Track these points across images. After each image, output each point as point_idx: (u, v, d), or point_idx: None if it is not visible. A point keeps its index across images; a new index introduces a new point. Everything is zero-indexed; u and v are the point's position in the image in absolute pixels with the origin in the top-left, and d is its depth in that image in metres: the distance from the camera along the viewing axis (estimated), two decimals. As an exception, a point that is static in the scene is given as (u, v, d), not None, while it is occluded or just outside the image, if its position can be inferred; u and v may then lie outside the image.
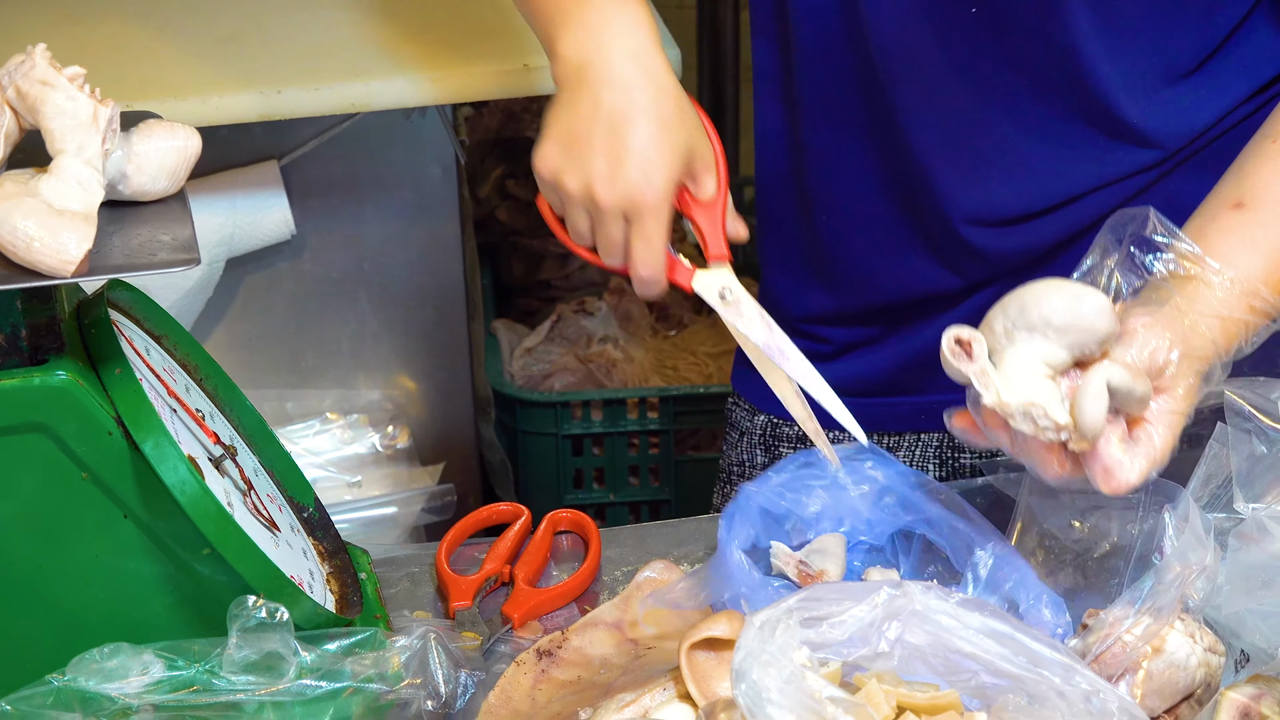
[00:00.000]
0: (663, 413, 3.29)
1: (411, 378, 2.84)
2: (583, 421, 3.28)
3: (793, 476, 1.74)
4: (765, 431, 2.13)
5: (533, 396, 3.25)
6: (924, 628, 1.38)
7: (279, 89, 2.35)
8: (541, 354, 3.45)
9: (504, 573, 1.81)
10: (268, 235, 2.63)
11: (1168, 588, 1.51)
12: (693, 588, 1.63)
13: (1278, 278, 1.62)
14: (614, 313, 3.56)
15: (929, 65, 1.82)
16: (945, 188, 1.88)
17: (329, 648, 1.57)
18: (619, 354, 3.46)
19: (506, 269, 3.78)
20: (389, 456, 2.78)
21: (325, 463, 2.76)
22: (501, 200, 3.75)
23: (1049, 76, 1.80)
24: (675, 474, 3.33)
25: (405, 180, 2.71)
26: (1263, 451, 1.62)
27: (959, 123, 1.84)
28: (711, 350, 3.48)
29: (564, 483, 3.31)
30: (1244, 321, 1.61)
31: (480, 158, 3.76)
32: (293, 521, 1.76)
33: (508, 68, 2.39)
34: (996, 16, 1.77)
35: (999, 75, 1.81)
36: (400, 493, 2.68)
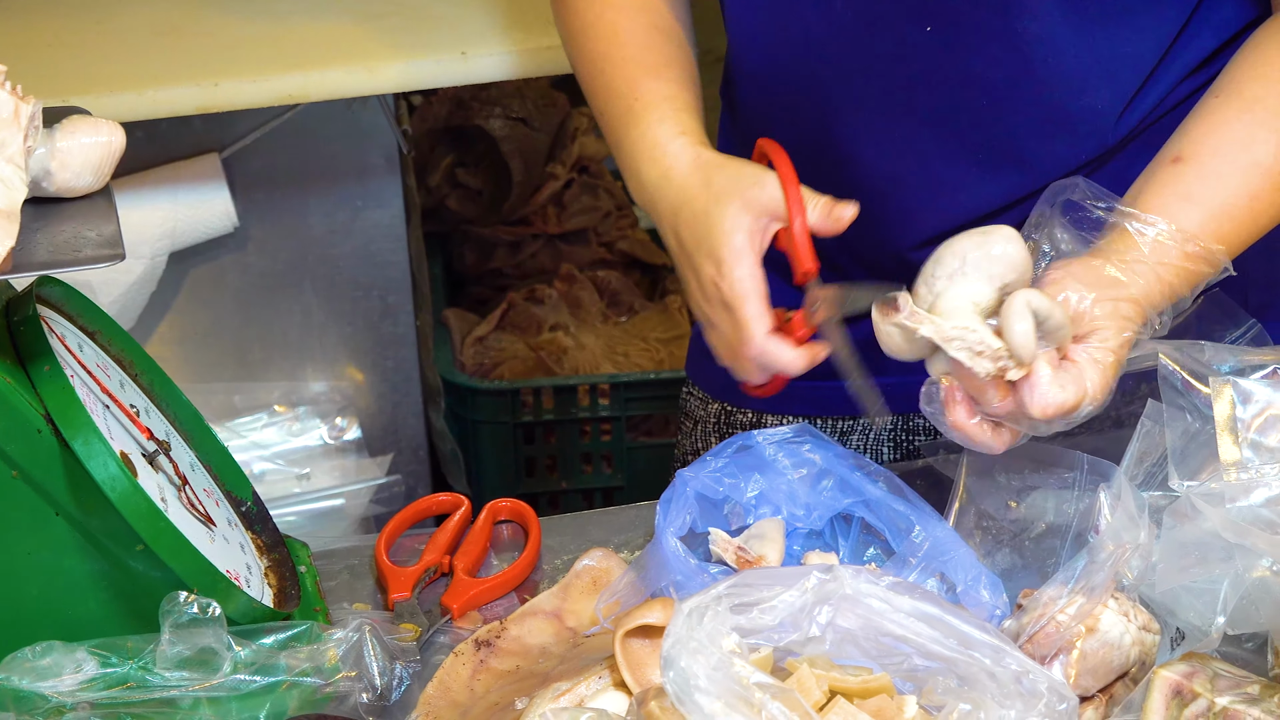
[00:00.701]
0: (614, 399, 3.29)
1: (359, 369, 2.83)
2: (534, 409, 3.28)
3: (730, 461, 1.74)
4: (719, 419, 2.13)
5: (483, 385, 3.24)
6: (855, 611, 1.39)
7: (216, 81, 2.34)
8: (492, 342, 3.45)
9: (443, 563, 1.81)
10: (210, 228, 2.62)
11: (1100, 567, 1.51)
12: (635, 582, 1.63)
13: (1215, 226, 1.63)
14: (564, 300, 3.56)
15: (880, 93, 1.82)
16: (895, 218, 1.88)
17: (264, 642, 1.57)
18: (570, 341, 3.46)
19: (458, 258, 3.78)
20: (337, 448, 2.78)
21: (273, 455, 2.75)
22: (452, 189, 3.74)
23: (1011, 84, 1.80)
24: (628, 460, 3.33)
25: (348, 171, 2.70)
26: (1197, 428, 1.62)
27: (912, 150, 1.85)
28: (662, 336, 3.48)
29: (516, 471, 3.31)
30: (1179, 269, 1.61)
31: (430, 146, 3.75)
32: (230, 516, 1.75)
33: (446, 57, 2.38)
34: (956, 27, 1.77)
35: (956, 94, 1.81)
36: (348, 485, 2.67)
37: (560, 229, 3.75)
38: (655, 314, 3.56)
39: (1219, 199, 1.65)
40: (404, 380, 2.86)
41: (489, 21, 2.46)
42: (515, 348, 3.46)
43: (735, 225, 1.66)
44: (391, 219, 2.74)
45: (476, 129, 3.69)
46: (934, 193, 1.86)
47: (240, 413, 2.79)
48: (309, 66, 2.37)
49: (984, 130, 1.81)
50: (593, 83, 1.87)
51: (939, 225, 1.87)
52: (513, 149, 3.66)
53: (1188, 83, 1.83)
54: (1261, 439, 1.56)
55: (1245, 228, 1.66)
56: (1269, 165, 1.66)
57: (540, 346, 3.45)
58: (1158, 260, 1.61)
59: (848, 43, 1.80)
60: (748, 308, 1.65)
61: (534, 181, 3.70)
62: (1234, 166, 1.66)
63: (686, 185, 1.72)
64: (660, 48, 1.86)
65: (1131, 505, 1.54)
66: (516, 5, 2.49)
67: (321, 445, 2.78)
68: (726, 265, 1.66)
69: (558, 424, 3.30)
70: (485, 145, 3.69)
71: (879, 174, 1.87)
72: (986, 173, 1.84)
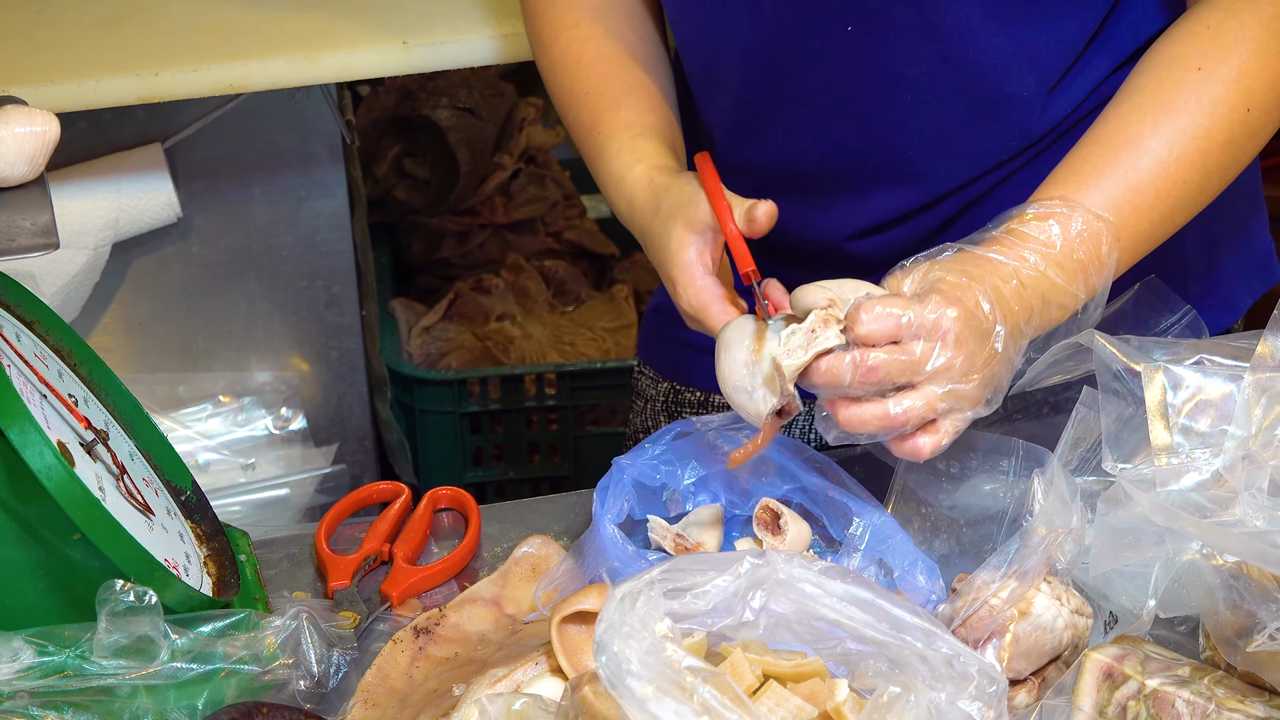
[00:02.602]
0: (560, 389, 3.29)
1: (304, 359, 2.83)
2: (480, 399, 3.28)
3: (668, 448, 1.74)
4: (668, 398, 2.15)
5: (430, 375, 3.25)
6: (789, 596, 1.39)
7: (157, 71, 2.33)
8: (439, 332, 3.45)
9: (383, 551, 1.81)
10: (153, 218, 2.61)
11: (1033, 551, 1.52)
12: (574, 569, 1.64)
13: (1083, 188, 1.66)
14: (511, 289, 3.56)
15: (811, 92, 1.84)
16: (833, 211, 1.91)
17: (203, 630, 1.57)
18: (517, 331, 3.46)
19: (406, 247, 3.78)
20: (282, 438, 2.78)
21: (218, 445, 2.75)
22: (399, 179, 3.74)
23: (934, 77, 1.81)
24: (575, 449, 3.33)
25: (292, 161, 2.70)
26: (1130, 412, 1.63)
27: (845, 146, 1.86)
28: (609, 325, 3.48)
29: (463, 460, 3.31)
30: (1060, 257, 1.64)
31: (377, 136, 3.75)
32: (169, 505, 1.75)
33: (387, 46, 2.38)
34: (875, 25, 1.78)
35: (882, 90, 1.82)
36: (293, 475, 2.67)
37: (508, 219, 3.75)
38: (602, 303, 3.57)
39: (1098, 186, 1.66)
40: (349, 370, 2.86)
41: (431, 11, 2.46)
42: (462, 337, 3.46)
43: (681, 244, 1.72)
44: (335, 209, 2.74)
45: (424, 119, 3.69)
46: (868, 186, 1.88)
47: (185, 403, 2.79)
48: (249, 56, 2.36)
49: (912, 125, 1.83)
50: (565, 118, 1.94)
51: (874, 218, 1.89)
52: (460, 139, 3.67)
53: (1120, 75, 1.84)
54: (1192, 424, 1.57)
55: (1136, 223, 1.68)
56: (1150, 150, 1.67)
57: (487, 336, 3.45)
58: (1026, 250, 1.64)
59: (777, 44, 1.82)
60: (710, 317, 1.70)
61: (481, 171, 3.71)
62: (1124, 164, 1.67)
63: (644, 211, 1.78)
64: (621, 75, 1.90)
65: (1064, 490, 1.55)
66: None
67: (266, 435, 2.78)
68: (680, 283, 1.71)
69: (504, 413, 3.30)
70: (432, 135, 3.69)
71: (816, 170, 1.89)
72: (918, 165, 1.86)
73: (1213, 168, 1.68)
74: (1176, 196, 1.67)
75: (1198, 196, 1.69)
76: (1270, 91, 1.69)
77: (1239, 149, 1.69)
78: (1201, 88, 1.67)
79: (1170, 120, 1.67)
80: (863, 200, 1.89)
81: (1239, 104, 1.67)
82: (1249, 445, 1.53)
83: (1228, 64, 1.67)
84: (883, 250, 1.91)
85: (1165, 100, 1.67)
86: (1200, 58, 1.68)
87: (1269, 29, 1.68)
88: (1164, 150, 1.66)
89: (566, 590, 1.64)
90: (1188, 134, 1.67)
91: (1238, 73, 1.67)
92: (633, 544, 1.66)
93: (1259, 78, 1.68)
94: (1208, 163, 1.67)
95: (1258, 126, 1.70)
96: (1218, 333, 2.00)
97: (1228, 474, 1.51)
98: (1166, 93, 1.67)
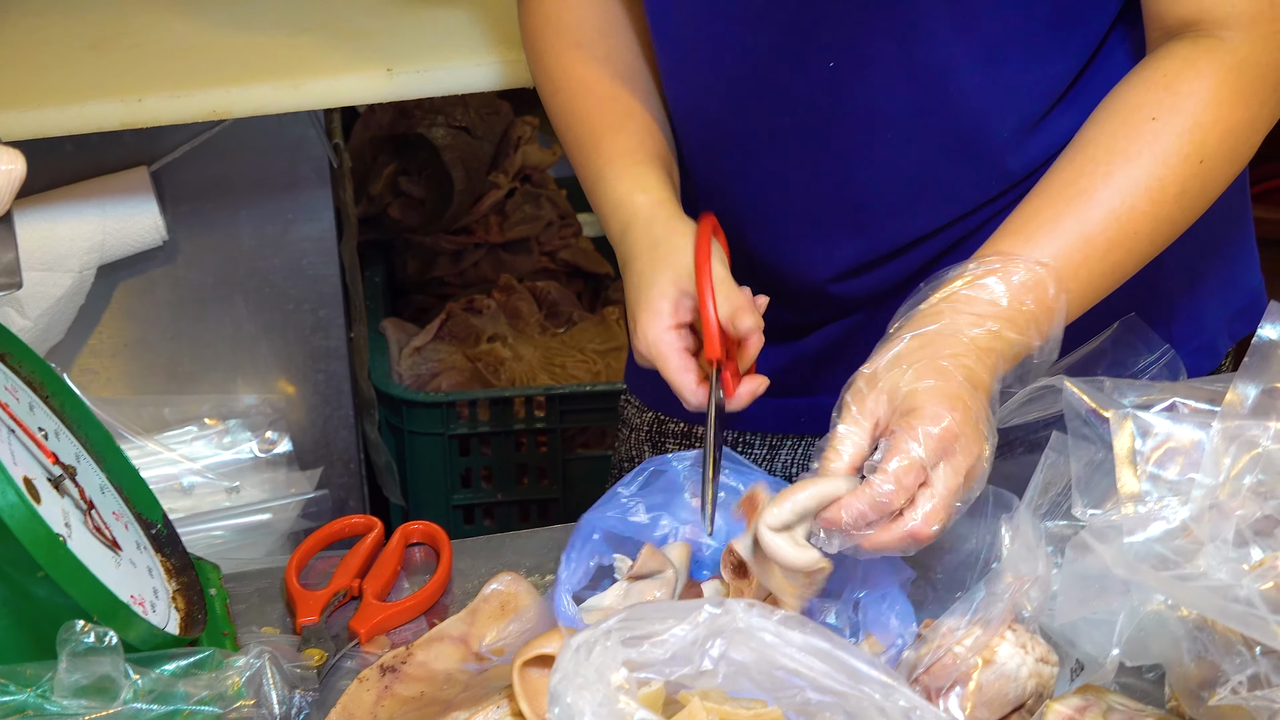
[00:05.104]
0: (550, 411, 3.28)
1: (290, 382, 2.83)
2: (469, 421, 3.27)
3: (639, 493, 1.73)
4: (652, 428, 2.14)
5: (418, 397, 3.24)
6: (748, 645, 1.39)
7: (140, 97, 2.33)
8: (430, 353, 3.45)
9: (353, 586, 1.81)
10: (139, 242, 2.61)
11: (998, 598, 1.52)
12: (525, 636, 1.64)
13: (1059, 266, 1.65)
14: (503, 310, 3.56)
15: (797, 129, 1.83)
16: (817, 250, 1.90)
17: (166, 668, 1.57)
18: (507, 352, 3.46)
19: (400, 266, 3.77)
20: (268, 461, 2.77)
21: (203, 469, 2.75)
22: (394, 197, 3.74)
23: (916, 115, 1.80)
24: (564, 472, 3.32)
25: (278, 184, 2.70)
26: (1101, 457, 1.62)
27: (830, 183, 1.86)
28: (600, 348, 3.48)
29: (452, 482, 3.31)
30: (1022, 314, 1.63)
31: (373, 154, 3.75)
32: (139, 539, 1.75)
33: (371, 73, 2.38)
34: (858, 62, 1.78)
35: (865, 128, 1.81)
36: (276, 500, 2.67)
37: (502, 238, 3.75)
38: (593, 325, 3.56)
39: (1049, 237, 1.65)
40: (335, 393, 2.86)
41: (416, 38, 2.46)
42: (453, 358, 3.45)
43: (662, 292, 1.73)
44: (322, 233, 2.74)
45: (419, 137, 3.68)
46: (848, 225, 1.87)
47: (170, 425, 2.78)
48: (233, 82, 2.36)
49: (895, 163, 1.82)
50: (564, 138, 1.94)
51: (855, 258, 1.88)
52: (455, 158, 3.66)
53: None
54: (1160, 471, 1.56)
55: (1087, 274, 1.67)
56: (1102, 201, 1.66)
57: (478, 357, 3.45)
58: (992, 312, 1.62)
59: (760, 79, 1.82)
60: (669, 367, 1.72)
61: (476, 190, 3.70)
62: (1077, 215, 1.66)
63: (639, 242, 1.78)
64: (622, 99, 1.91)
65: (1030, 537, 1.55)
66: (443, 23, 2.49)
67: (251, 458, 2.78)
68: (644, 324, 1.73)
69: (493, 435, 3.30)
70: (428, 154, 3.69)
71: (795, 206, 1.88)
72: (903, 204, 1.85)
73: (1164, 219, 1.68)
74: (1127, 247, 1.67)
75: (1149, 247, 1.69)
76: (1224, 144, 1.68)
77: (1192, 201, 1.69)
78: (1155, 139, 1.66)
79: (1123, 171, 1.66)
80: (843, 240, 1.88)
81: (1192, 155, 1.66)
82: (1217, 494, 1.53)
83: (1182, 115, 1.67)
84: (865, 292, 1.90)
85: (1119, 151, 1.66)
86: (1155, 107, 1.67)
87: (1225, 80, 1.67)
88: (1116, 201, 1.65)
89: (505, 660, 1.64)
90: (1140, 185, 1.66)
91: (1192, 124, 1.66)
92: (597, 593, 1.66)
93: (1213, 130, 1.67)
94: (1160, 214, 1.67)
95: (1211, 178, 1.69)
96: (1198, 376, 1.99)
97: (1194, 524, 1.50)
98: (1120, 143, 1.67)
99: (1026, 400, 1.71)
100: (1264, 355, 1.58)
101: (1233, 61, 1.68)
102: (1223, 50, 1.68)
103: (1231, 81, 1.68)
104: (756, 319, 1.68)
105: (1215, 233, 1.96)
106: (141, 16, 2.52)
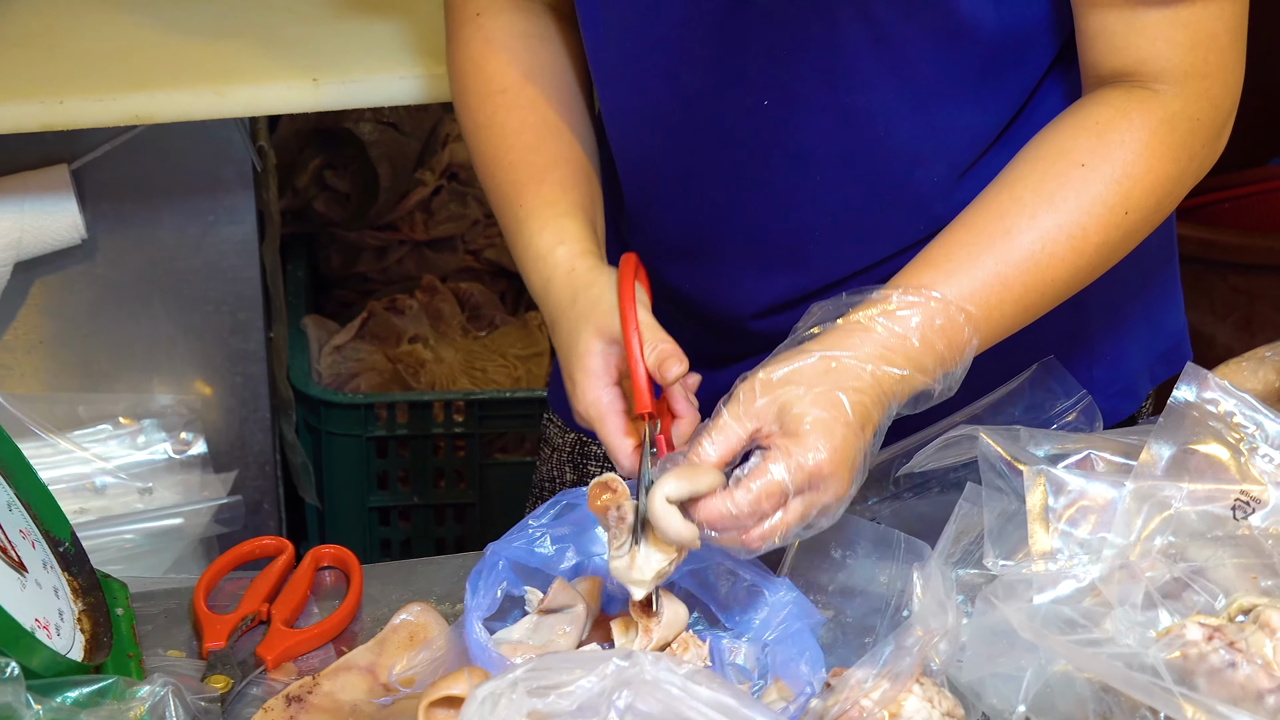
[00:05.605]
0: (469, 417, 3.28)
1: (207, 383, 2.81)
2: (388, 424, 3.26)
3: (548, 527, 1.72)
4: (574, 449, 2.14)
5: (336, 398, 3.23)
6: (655, 696, 1.38)
7: (61, 99, 2.30)
8: (350, 352, 3.43)
9: (261, 611, 1.79)
10: (57, 239, 2.59)
11: (907, 652, 1.51)
12: (445, 652, 1.63)
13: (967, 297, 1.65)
14: (425, 311, 3.54)
15: (728, 166, 1.83)
16: (743, 287, 1.90)
17: (68, 696, 1.55)
18: (428, 354, 3.45)
19: (324, 260, 3.75)
20: (182, 463, 2.75)
21: (116, 468, 2.72)
22: (319, 191, 3.72)
23: (845, 159, 1.80)
24: (481, 477, 3.32)
25: (201, 186, 2.68)
26: (1015, 509, 1.63)
27: (757, 221, 1.86)
28: (521, 353, 3.47)
29: (368, 484, 3.30)
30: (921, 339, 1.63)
31: (299, 147, 3.72)
32: (47, 558, 1.73)
33: (296, 82, 2.36)
34: (789, 102, 1.77)
35: (793, 168, 1.81)
36: (188, 504, 2.65)
37: (428, 236, 3.73)
38: (515, 330, 3.55)
39: (968, 274, 1.65)
40: (252, 395, 2.84)
41: (343, 48, 2.44)
42: (373, 358, 3.44)
43: (589, 349, 1.71)
44: (244, 235, 2.71)
45: (346, 132, 3.67)
46: (773, 263, 1.87)
47: (84, 423, 2.76)
48: (156, 87, 2.33)
49: (819, 204, 1.82)
50: (486, 184, 1.91)
51: (776, 296, 1.88)
52: (381, 154, 3.65)
53: None
54: (1072, 530, 1.56)
55: (1000, 316, 1.67)
56: (1024, 244, 1.66)
57: (399, 358, 3.44)
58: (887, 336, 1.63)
59: (699, 117, 1.81)
60: (605, 430, 1.70)
61: (402, 187, 3.69)
62: (997, 254, 1.66)
63: (560, 300, 1.76)
64: (548, 147, 1.88)
65: (940, 590, 1.54)
66: (370, 33, 2.47)
67: (166, 459, 2.75)
68: (580, 386, 1.71)
69: (411, 439, 3.29)
70: (354, 148, 3.67)
71: (722, 241, 1.88)
72: (823, 245, 1.85)
73: (1083, 267, 1.68)
74: (1042, 291, 1.67)
75: (1063, 292, 1.70)
76: (1150, 196, 1.68)
77: (1112, 251, 1.70)
78: (1083, 186, 1.66)
79: (1048, 215, 1.66)
80: (766, 278, 1.88)
81: (1118, 206, 1.67)
82: (1128, 555, 1.53)
83: (1111, 164, 1.67)
84: (785, 330, 1.90)
85: (1045, 194, 1.66)
86: (1086, 154, 1.67)
87: (1156, 132, 1.68)
88: (1037, 246, 1.66)
89: (420, 686, 1.62)
90: (1064, 232, 1.66)
91: (1121, 174, 1.67)
92: (507, 624, 1.65)
93: (1141, 181, 1.67)
94: (1079, 262, 1.67)
95: (1133, 229, 1.69)
96: (1118, 421, 2.00)
97: (1103, 585, 1.50)
98: (1048, 187, 1.67)
99: (943, 446, 1.71)
100: (1179, 416, 1.59)
101: (1164, 114, 1.68)
102: (1155, 102, 1.69)
103: (1163, 134, 1.68)
104: (683, 363, 1.67)
105: (1142, 275, 1.97)
106: (65, 17, 2.49)
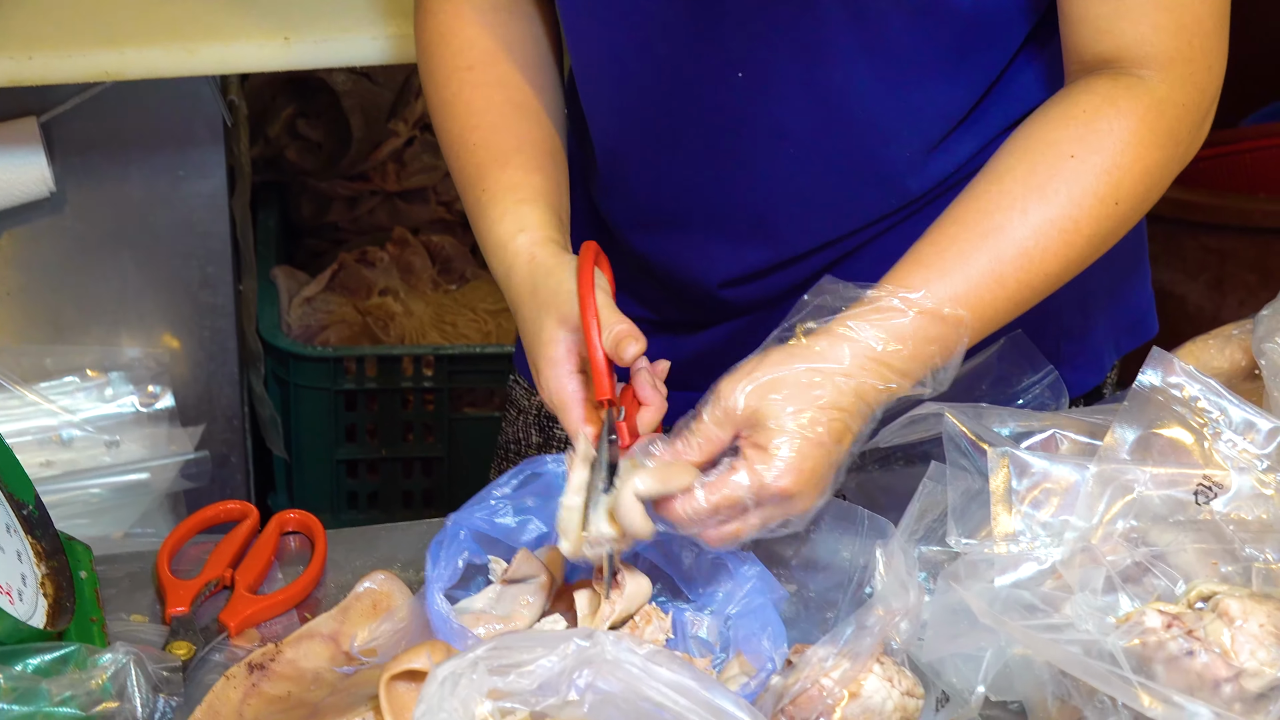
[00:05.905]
0: (438, 371, 3.27)
1: (175, 336, 2.80)
2: (356, 377, 3.26)
3: (512, 496, 1.72)
4: (540, 411, 2.14)
5: (305, 351, 3.22)
6: (616, 675, 1.38)
7: (30, 54, 2.29)
8: (320, 304, 3.43)
9: (225, 576, 1.79)
10: (25, 192, 2.57)
11: (868, 632, 1.52)
12: (407, 622, 1.63)
13: (957, 295, 1.63)
14: (396, 264, 3.54)
15: (704, 137, 1.83)
16: (714, 256, 1.89)
17: (30, 662, 1.55)
18: (399, 307, 3.44)
19: (295, 209, 3.74)
20: (149, 416, 2.75)
21: (83, 421, 2.72)
22: (291, 140, 3.71)
23: (818, 133, 1.79)
24: (450, 431, 3.32)
25: (170, 140, 2.67)
26: (978, 487, 1.63)
27: (733, 193, 1.85)
28: (491, 308, 3.47)
29: (336, 437, 3.29)
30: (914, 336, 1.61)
31: (272, 95, 3.71)
32: (10, 521, 1.73)
33: (267, 41, 2.35)
34: (764, 76, 1.77)
35: (768, 142, 1.80)
36: (155, 460, 2.64)
37: (399, 187, 3.72)
38: (486, 284, 3.55)
39: (962, 273, 1.64)
40: (220, 349, 2.83)
41: (316, 6, 2.43)
42: (343, 310, 3.43)
43: (552, 338, 1.70)
44: (214, 189, 2.70)
45: (319, 81, 3.65)
46: (743, 233, 1.87)
47: (51, 375, 2.75)
48: (126, 43, 2.32)
49: (797, 176, 1.82)
50: (450, 164, 1.89)
51: (746, 266, 1.88)
52: (354, 104, 3.63)
53: (1002, 139, 1.82)
54: (1034, 512, 1.57)
55: (993, 312, 1.66)
56: (1016, 240, 1.65)
57: (368, 311, 3.43)
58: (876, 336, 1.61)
59: (672, 87, 1.81)
60: (569, 418, 1.68)
61: (375, 138, 3.68)
62: (989, 251, 1.64)
63: (521, 288, 1.75)
64: (512, 128, 1.86)
65: (903, 569, 1.55)
66: (341, -8, 2.47)
67: (133, 412, 2.75)
68: (545, 375, 1.70)
69: (380, 392, 3.28)
70: (327, 98, 3.66)
71: (694, 210, 1.88)
72: (794, 217, 1.84)
73: (1075, 258, 1.67)
74: (1035, 285, 1.66)
75: (1055, 284, 1.68)
76: (1139, 185, 1.67)
77: (1102, 241, 1.68)
78: (1073, 177, 1.65)
79: (1039, 209, 1.64)
80: (736, 247, 1.88)
81: (1108, 196, 1.65)
82: (1089, 538, 1.54)
83: (1101, 154, 1.65)
84: (753, 299, 1.90)
85: (1036, 187, 1.64)
86: (1074, 144, 1.65)
87: (1144, 119, 1.66)
88: (1030, 242, 1.64)
89: (384, 658, 1.62)
90: (1055, 225, 1.64)
91: (1111, 164, 1.65)
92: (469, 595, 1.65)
93: (1130, 171, 1.66)
94: (1071, 254, 1.66)
95: (1123, 219, 1.68)
96: (1083, 392, 2.00)
97: (1064, 568, 1.51)
98: (1038, 179, 1.64)
99: (909, 423, 1.71)
100: (1144, 400, 1.59)
101: (1151, 101, 1.67)
102: (1142, 89, 1.67)
103: (1150, 121, 1.67)
104: (640, 343, 1.66)
105: (1111, 251, 1.97)
106: (33, -30, 2.48)
